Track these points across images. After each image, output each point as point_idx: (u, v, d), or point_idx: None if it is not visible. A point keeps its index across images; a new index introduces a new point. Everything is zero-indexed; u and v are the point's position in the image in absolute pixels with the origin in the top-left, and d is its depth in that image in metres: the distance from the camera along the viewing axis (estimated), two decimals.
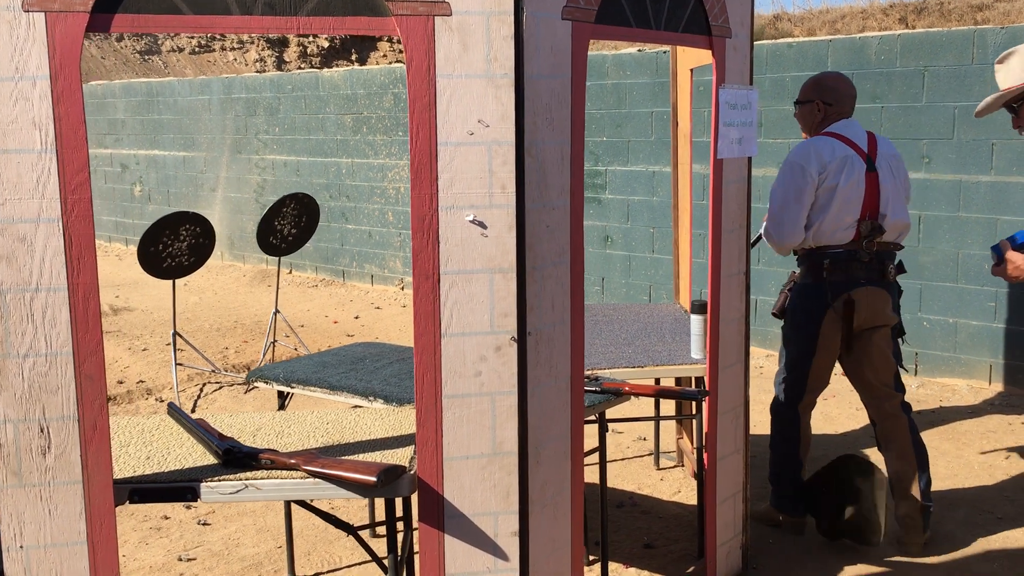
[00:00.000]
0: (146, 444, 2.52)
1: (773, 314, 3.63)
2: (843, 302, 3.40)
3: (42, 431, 2.12)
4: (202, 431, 2.47)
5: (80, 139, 2.03)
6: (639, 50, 6.87)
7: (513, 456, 2.32)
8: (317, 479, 2.25)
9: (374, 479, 2.17)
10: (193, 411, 5.44)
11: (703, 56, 3.50)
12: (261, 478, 2.27)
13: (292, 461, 2.28)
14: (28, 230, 2.05)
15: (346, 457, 2.36)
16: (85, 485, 2.16)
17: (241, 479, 2.26)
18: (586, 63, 2.40)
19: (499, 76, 2.18)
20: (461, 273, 2.23)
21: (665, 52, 6.58)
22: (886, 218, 3.41)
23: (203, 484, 2.25)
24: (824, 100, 3.48)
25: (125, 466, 2.36)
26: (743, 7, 2.99)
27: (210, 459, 2.39)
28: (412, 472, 2.29)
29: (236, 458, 2.33)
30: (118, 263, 10.54)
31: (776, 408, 3.61)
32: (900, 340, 3.55)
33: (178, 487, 2.26)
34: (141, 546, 3.63)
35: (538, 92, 2.25)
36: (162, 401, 5.60)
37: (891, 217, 3.43)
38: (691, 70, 3.97)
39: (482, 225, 2.22)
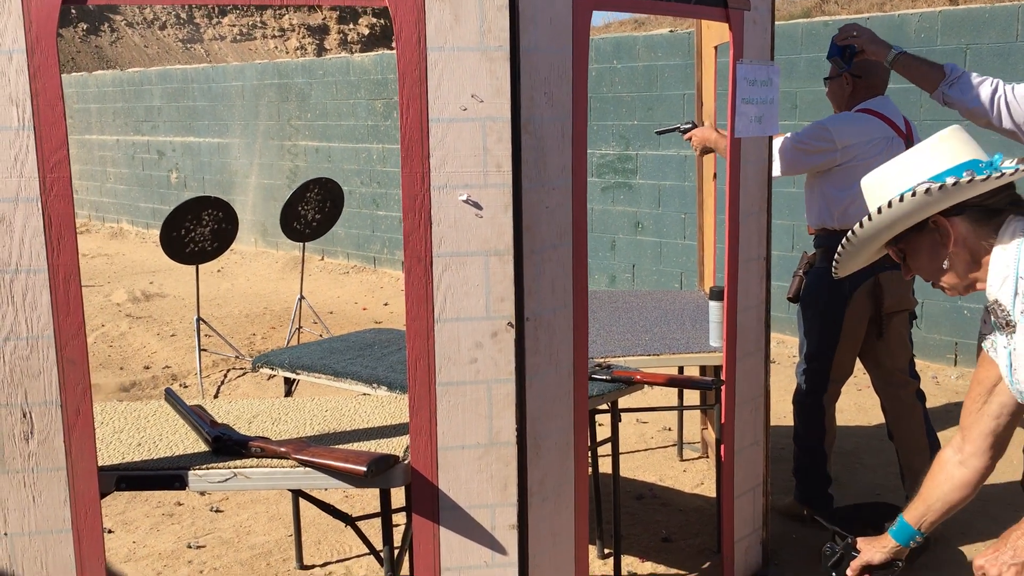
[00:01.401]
0: (139, 430, 2.47)
1: (788, 299, 3.48)
2: (872, 285, 3.25)
3: (24, 416, 2.07)
4: (195, 417, 2.41)
5: (58, 115, 1.97)
6: (671, 31, 6.70)
7: (511, 446, 2.23)
8: (307, 468, 2.18)
9: (364, 469, 2.09)
10: (216, 397, 5.42)
11: (727, 32, 3.36)
12: (250, 466, 2.21)
13: (282, 450, 2.21)
14: (6, 210, 1.99)
15: (339, 446, 2.29)
16: (69, 471, 2.11)
17: (230, 467, 2.20)
18: (588, 35, 2.28)
19: (493, 49, 2.07)
20: (455, 256, 2.14)
21: None
22: None
23: (191, 472, 2.19)
24: (852, 73, 3.32)
25: (115, 452, 2.30)
26: None
27: (202, 446, 2.33)
28: (405, 462, 2.21)
29: (226, 445, 2.26)
30: (155, 250, 10.61)
31: (799, 399, 3.47)
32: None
33: (166, 475, 2.21)
34: (152, 532, 3.60)
35: (536, 66, 2.15)
36: (186, 387, 5.60)
37: None
38: (715, 47, 3.83)
39: (477, 206, 2.13)
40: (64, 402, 2.08)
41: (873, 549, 1.89)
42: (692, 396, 4.21)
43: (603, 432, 3.62)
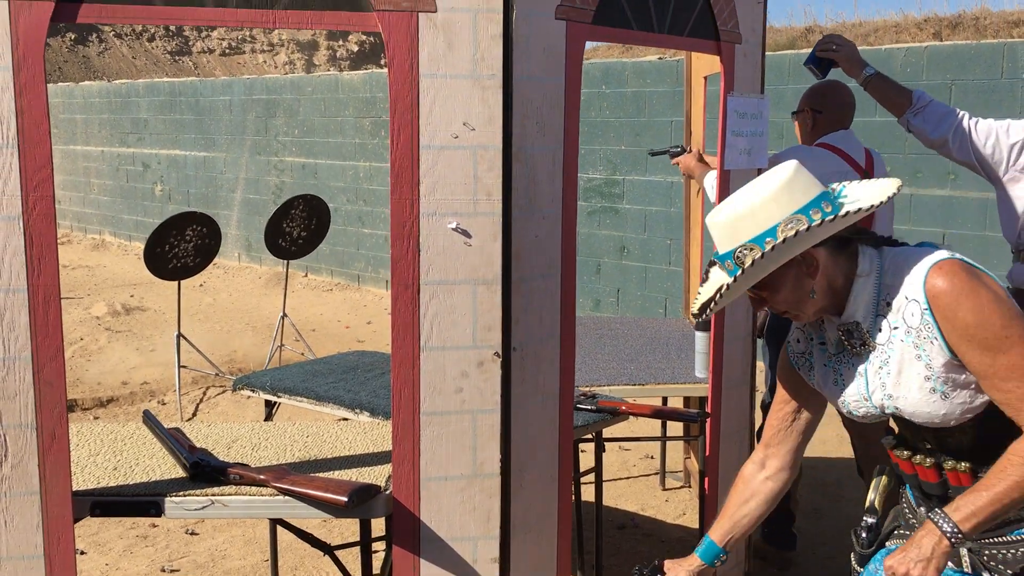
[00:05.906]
0: (115, 454, 2.42)
1: (755, 336, 3.46)
2: None
3: None
4: (173, 442, 2.37)
5: (43, 134, 1.94)
6: (659, 58, 6.74)
7: (495, 478, 2.20)
8: (287, 497, 2.15)
9: (345, 499, 2.05)
10: (195, 415, 5.36)
11: (717, 63, 3.36)
12: (229, 494, 2.17)
13: (261, 477, 2.17)
14: None
15: (319, 474, 2.25)
16: (43, 497, 2.06)
17: (208, 495, 2.16)
18: (581, 65, 2.27)
19: (486, 77, 2.06)
20: (443, 284, 2.11)
21: None
22: None
23: (167, 499, 2.14)
24: (813, 107, 3.29)
25: (90, 476, 2.26)
26: (754, 12, 2.86)
27: (179, 472, 2.28)
28: (387, 492, 2.18)
29: (204, 472, 2.22)
30: (137, 262, 10.51)
31: (760, 432, 3.45)
32: None
33: (142, 501, 2.16)
34: (126, 555, 3.54)
35: (528, 95, 2.13)
36: (164, 404, 5.53)
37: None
38: (705, 77, 3.84)
39: (466, 234, 2.11)
40: (39, 425, 2.03)
41: (679, 569, 1.92)
42: (676, 426, 4.19)
43: (586, 460, 3.60)
